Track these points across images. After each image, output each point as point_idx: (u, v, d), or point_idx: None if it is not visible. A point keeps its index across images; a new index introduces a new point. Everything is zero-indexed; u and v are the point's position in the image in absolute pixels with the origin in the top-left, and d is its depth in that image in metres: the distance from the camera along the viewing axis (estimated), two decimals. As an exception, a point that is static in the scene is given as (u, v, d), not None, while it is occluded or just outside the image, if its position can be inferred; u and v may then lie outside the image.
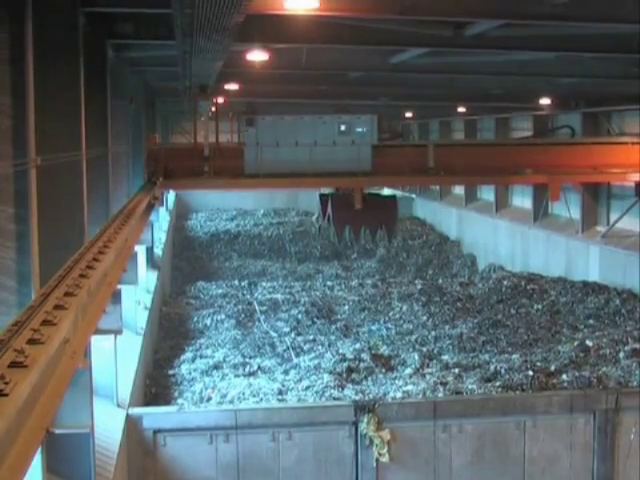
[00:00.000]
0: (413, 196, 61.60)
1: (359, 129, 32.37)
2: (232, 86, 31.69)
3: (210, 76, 25.02)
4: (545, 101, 38.35)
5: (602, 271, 37.28)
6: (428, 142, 41.72)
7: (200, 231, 57.93)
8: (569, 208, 40.97)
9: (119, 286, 14.18)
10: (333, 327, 29.91)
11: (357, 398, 21.44)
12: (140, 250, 24.47)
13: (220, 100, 36.24)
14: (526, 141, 39.74)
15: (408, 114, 54.19)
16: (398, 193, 46.58)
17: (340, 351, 26.23)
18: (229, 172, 32.08)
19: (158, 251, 36.60)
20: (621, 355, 25.75)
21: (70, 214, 16.05)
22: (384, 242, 46.62)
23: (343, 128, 32.23)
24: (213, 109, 38.48)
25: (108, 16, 20.25)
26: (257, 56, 22.29)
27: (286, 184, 37.54)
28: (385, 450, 20.39)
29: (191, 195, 62.81)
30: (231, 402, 21.56)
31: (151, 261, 32.51)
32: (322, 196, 37.16)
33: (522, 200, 47.47)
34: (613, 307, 32.48)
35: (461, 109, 48.20)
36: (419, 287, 36.61)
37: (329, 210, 35.35)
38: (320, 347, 26.95)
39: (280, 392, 22.36)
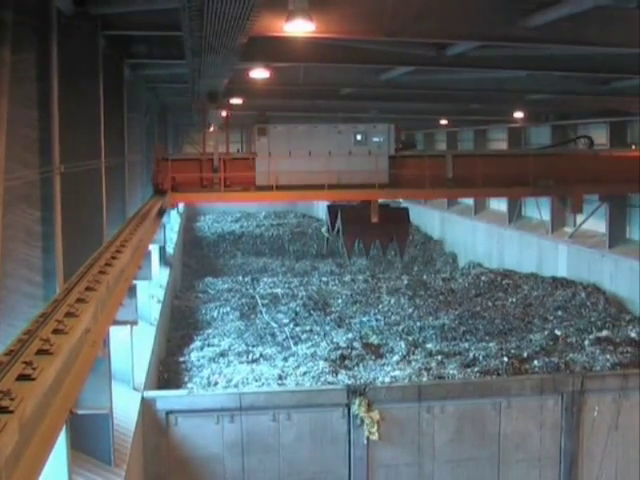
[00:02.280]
0: (400, 200, 61.46)
1: (376, 138, 28.37)
2: (236, 100, 30.95)
3: (218, 89, 24.91)
4: (518, 115, 38.39)
5: (569, 267, 37.33)
6: (446, 152, 37.46)
7: (208, 232, 57.88)
8: (540, 211, 41.02)
9: (135, 281, 14.18)
10: (328, 318, 29.90)
11: (350, 382, 21.48)
12: (154, 249, 24.40)
13: (224, 114, 32.34)
14: (546, 151, 35.13)
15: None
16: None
17: (334, 340, 26.24)
18: (240, 184, 27.78)
19: (170, 250, 36.54)
20: (586, 343, 25.86)
21: (90, 217, 16.09)
22: (397, 256, 40.10)
23: (359, 137, 28.28)
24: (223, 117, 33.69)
25: (125, 38, 20.27)
26: (259, 74, 22.29)
27: (299, 197, 34.54)
28: (375, 429, 20.43)
29: (200, 199, 62.62)
30: (236, 386, 21.60)
31: (163, 259, 32.47)
32: (330, 207, 32.63)
33: (498, 204, 47.48)
34: (579, 300, 32.57)
35: (443, 121, 48.21)
36: (405, 282, 36.57)
37: (338, 223, 30.88)
38: (316, 337, 26.97)
39: (280, 377, 22.39)
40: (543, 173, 28.88)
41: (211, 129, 29.03)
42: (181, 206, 54.72)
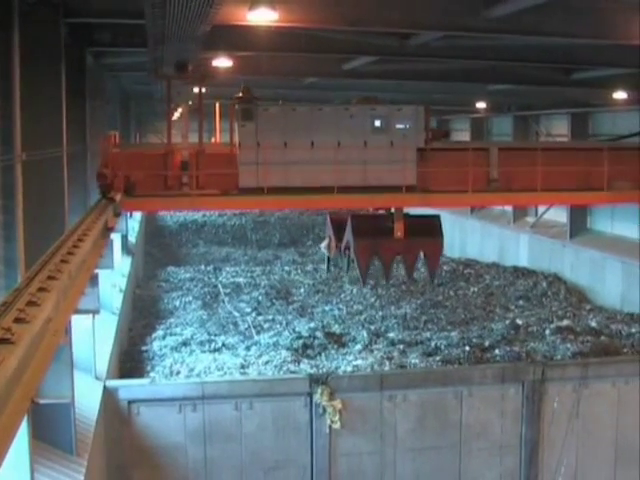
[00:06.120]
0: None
1: (400, 125, 21.38)
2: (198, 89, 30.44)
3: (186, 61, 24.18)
4: (481, 105, 38.55)
5: (531, 257, 37.63)
6: (490, 144, 29.03)
7: (170, 221, 57.49)
8: (502, 201, 41.23)
9: (96, 270, 14.10)
10: (290, 308, 29.94)
11: (312, 371, 21.53)
12: (116, 238, 24.32)
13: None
14: (623, 144, 27.64)
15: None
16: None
17: (296, 329, 26.27)
18: (217, 185, 20.90)
19: (132, 239, 36.34)
20: (547, 332, 26.09)
21: (52, 205, 15.96)
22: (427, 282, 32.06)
23: (378, 123, 21.32)
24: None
25: (88, 26, 20.11)
26: (222, 62, 22.20)
27: (298, 203, 26.00)
28: (337, 418, 20.47)
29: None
30: (198, 375, 21.57)
31: (126, 248, 32.29)
32: (334, 216, 25.22)
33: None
34: (540, 289, 32.87)
35: (406, 111, 48.22)
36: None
37: (348, 236, 23.31)
38: (278, 326, 26.98)
39: (242, 366, 22.40)
40: (617, 173, 22.07)
41: (179, 111, 22.49)
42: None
